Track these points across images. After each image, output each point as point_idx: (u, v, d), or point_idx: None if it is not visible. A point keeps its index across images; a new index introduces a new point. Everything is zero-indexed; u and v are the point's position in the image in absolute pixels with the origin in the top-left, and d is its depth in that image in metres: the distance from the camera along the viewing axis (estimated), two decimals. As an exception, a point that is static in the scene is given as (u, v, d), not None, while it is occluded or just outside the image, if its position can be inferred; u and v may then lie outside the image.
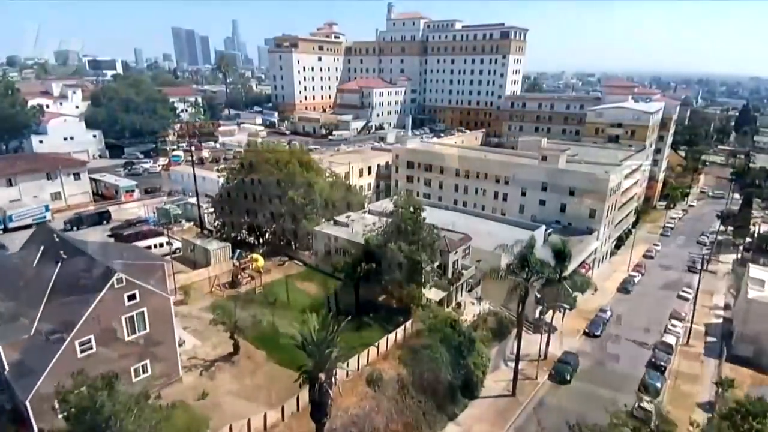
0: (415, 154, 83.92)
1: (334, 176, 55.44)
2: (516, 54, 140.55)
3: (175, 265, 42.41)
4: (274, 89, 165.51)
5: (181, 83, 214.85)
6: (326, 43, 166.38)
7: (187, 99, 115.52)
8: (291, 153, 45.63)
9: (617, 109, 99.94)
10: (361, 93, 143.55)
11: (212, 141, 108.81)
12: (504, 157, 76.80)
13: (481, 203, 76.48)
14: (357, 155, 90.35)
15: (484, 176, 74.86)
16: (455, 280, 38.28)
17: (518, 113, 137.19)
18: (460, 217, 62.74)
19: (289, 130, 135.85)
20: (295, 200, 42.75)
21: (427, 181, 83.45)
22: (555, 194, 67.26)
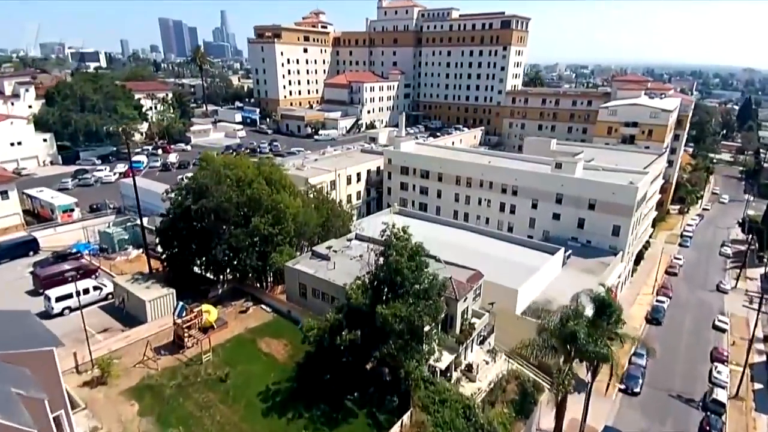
0: (410, 159, 75.78)
1: (314, 193, 47.01)
2: (518, 45, 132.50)
3: (104, 319, 33.82)
4: (255, 84, 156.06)
5: (157, 76, 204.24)
6: (312, 33, 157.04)
7: (156, 95, 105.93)
8: (258, 169, 36.98)
9: (633, 106, 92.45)
10: (350, 88, 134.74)
11: (183, 142, 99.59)
12: (511, 163, 68.81)
13: (485, 215, 68.68)
14: (345, 159, 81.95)
15: (489, 185, 66.96)
16: (465, 336, 30.22)
17: (520, 110, 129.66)
18: (461, 236, 55.01)
19: (271, 128, 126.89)
20: (261, 229, 34.26)
21: (423, 189, 75.46)
22: (571, 207, 59.56)
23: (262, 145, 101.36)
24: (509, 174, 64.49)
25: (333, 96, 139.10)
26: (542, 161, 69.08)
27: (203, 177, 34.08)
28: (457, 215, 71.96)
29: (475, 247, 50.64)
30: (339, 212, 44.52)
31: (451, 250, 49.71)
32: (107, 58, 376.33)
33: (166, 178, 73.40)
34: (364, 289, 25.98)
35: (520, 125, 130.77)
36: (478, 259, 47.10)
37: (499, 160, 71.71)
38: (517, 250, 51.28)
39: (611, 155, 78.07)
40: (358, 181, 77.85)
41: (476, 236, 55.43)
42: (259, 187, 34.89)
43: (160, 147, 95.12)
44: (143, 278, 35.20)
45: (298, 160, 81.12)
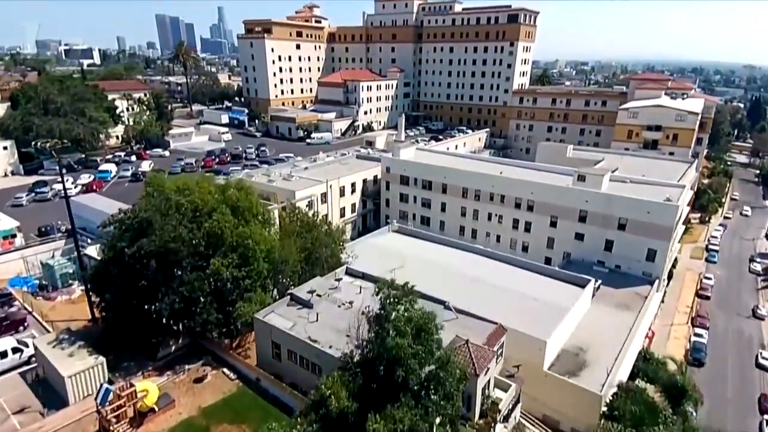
0: (410, 168, 68.70)
1: (297, 217, 39.76)
2: (525, 41, 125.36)
3: (23, 394, 26.48)
4: (245, 82, 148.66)
5: (145, 73, 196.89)
6: (305, 28, 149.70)
7: (132, 95, 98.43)
8: (222, 194, 29.66)
9: (656, 108, 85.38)
10: (345, 87, 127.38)
11: (161, 147, 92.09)
12: (525, 173, 61.63)
13: (496, 232, 61.64)
14: (338, 167, 74.82)
15: (500, 199, 59.89)
16: (488, 425, 22.99)
17: (528, 110, 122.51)
18: (469, 260, 47.99)
19: (260, 131, 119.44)
20: (224, 273, 27.00)
21: (425, 201, 68.38)
22: (598, 227, 52.53)
23: (248, 150, 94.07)
24: (524, 187, 57.33)
25: (327, 96, 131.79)
26: (561, 171, 62.12)
27: (147, 208, 26.73)
28: (464, 231, 65.03)
29: (486, 276, 43.60)
30: (327, 240, 37.19)
31: (458, 280, 42.79)
32: (101, 55, 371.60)
33: (136, 190, 65.92)
34: (348, 382, 18.67)
35: (527, 127, 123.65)
36: (492, 295, 40.16)
37: (512, 170, 64.59)
38: (538, 281, 44.22)
39: (634, 163, 71.24)
40: (353, 192, 70.74)
41: (487, 261, 48.36)
42: (222, 218, 27.64)
43: (135, 153, 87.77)
44: (73, 337, 27.88)
45: (285, 168, 73.88)
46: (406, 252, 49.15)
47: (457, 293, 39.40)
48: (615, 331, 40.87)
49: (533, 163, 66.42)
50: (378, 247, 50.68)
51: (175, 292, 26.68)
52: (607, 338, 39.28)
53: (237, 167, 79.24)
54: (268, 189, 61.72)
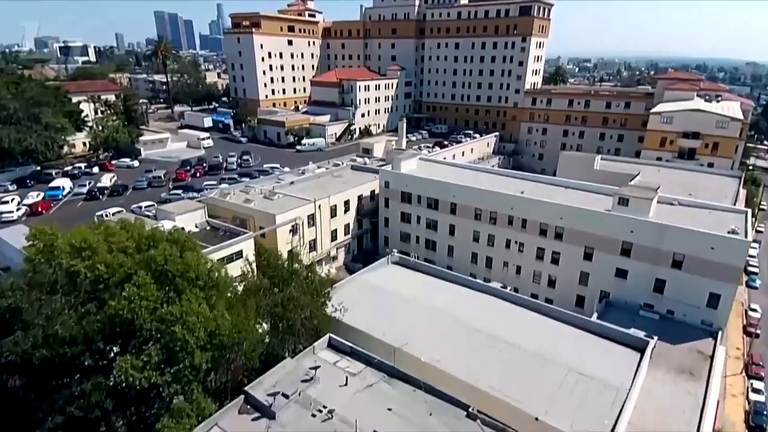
0: (413, 183, 59.94)
1: (267, 263, 30.76)
2: (539, 36, 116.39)
3: None
4: (232, 81, 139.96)
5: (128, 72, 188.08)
6: (298, 22, 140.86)
7: (101, 97, 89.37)
8: (146, 251, 20.61)
9: (693, 113, 76.35)
10: (340, 87, 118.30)
11: (130, 156, 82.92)
12: (551, 191, 52.62)
13: (515, 262, 52.88)
14: (330, 181, 66.12)
15: (521, 223, 51.04)
16: None
17: (541, 112, 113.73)
18: (483, 304, 39.35)
19: (246, 136, 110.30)
20: (135, 379, 17.93)
21: (431, 222, 59.62)
22: (645, 263, 43.69)
23: (230, 159, 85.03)
24: (552, 210, 48.37)
25: (321, 96, 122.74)
26: (595, 190, 53.30)
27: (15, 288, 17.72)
28: (476, 259, 56.23)
29: (509, 333, 34.81)
30: (306, 299, 28.12)
31: (474, 341, 33.89)
32: (96, 52, 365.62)
33: (89, 213, 57.06)
34: None
35: (541, 130, 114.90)
36: (520, 365, 31.20)
37: (534, 187, 55.65)
38: (575, 339, 35.18)
39: (673, 178, 62.59)
40: (347, 212, 61.93)
41: (507, 308, 39.43)
42: (136, 293, 18.58)
43: (98, 164, 78.72)
44: None
45: (269, 182, 64.98)
46: (408, 294, 40.50)
47: (474, 365, 30.72)
48: (680, 411, 32.00)
49: (560, 179, 57.46)
50: (374, 289, 41.82)
51: (63, 412, 17.80)
52: (671, 422, 30.47)
53: (213, 181, 70.20)
54: (244, 211, 52.89)
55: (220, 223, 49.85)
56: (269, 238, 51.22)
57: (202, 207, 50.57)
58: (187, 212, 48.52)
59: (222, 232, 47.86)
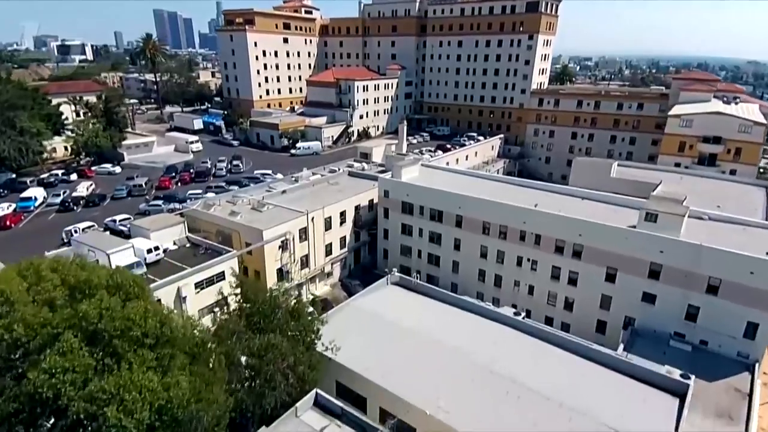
0: (415, 193, 55.70)
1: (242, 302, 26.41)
2: (546, 34, 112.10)
3: None
4: (225, 80, 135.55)
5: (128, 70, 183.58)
6: (294, 19, 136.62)
7: (84, 98, 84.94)
8: (76, 300, 16.18)
9: (714, 116, 72.05)
10: (338, 87, 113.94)
11: (112, 162, 78.41)
12: (568, 204, 48.34)
13: (527, 282, 48.65)
14: (324, 190, 61.87)
15: (535, 239, 46.76)
16: None
17: (548, 113, 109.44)
18: (496, 339, 35.03)
19: (238, 139, 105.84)
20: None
21: (434, 236, 55.37)
22: (675, 287, 39.41)
23: (219, 165, 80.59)
24: (570, 226, 44.00)
25: (317, 97, 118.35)
26: (617, 202, 49.04)
27: None
28: (484, 277, 51.98)
29: (523, 371, 30.55)
30: (287, 347, 23.72)
31: (482, 381, 29.58)
32: (93, 51, 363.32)
33: (60, 226, 52.66)
34: None
35: (548, 133, 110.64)
36: (537, 413, 26.82)
37: (548, 198, 51.30)
38: (601, 379, 30.94)
39: (697, 187, 58.36)
40: (343, 224, 57.61)
41: (521, 339, 35.16)
42: (58, 363, 14.16)
43: (76, 170, 74.26)
44: None
45: (258, 191, 60.64)
46: (410, 324, 36.23)
47: (489, 418, 26.59)
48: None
49: (576, 189, 53.10)
50: (372, 317, 37.49)
51: None
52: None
53: (198, 190, 65.69)
54: (228, 225, 48.54)
55: (202, 240, 45.50)
56: (256, 256, 46.95)
57: (181, 221, 46.20)
58: (165, 227, 44.16)
59: (203, 250, 43.50)
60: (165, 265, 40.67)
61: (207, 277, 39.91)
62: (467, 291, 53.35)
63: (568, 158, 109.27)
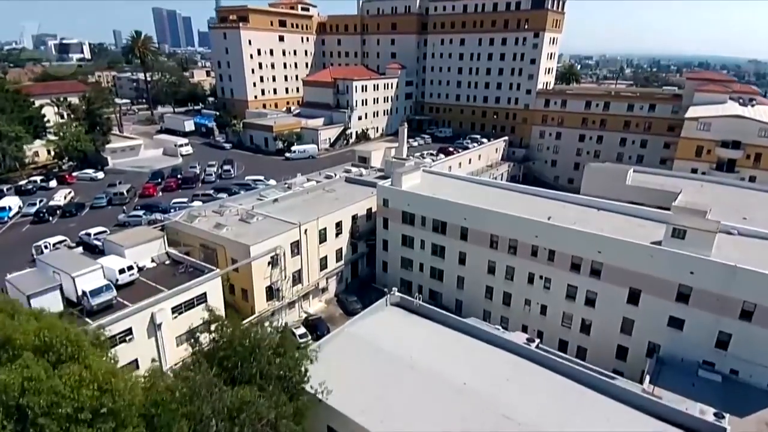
0: (416, 202, 52.19)
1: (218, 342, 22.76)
2: (552, 31, 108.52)
3: None
4: (219, 80, 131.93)
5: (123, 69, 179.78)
6: (290, 16, 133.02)
7: (66, 99, 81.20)
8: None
9: (734, 119, 68.54)
10: (335, 87, 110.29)
11: (95, 167, 74.59)
12: (585, 215, 44.76)
13: (539, 301, 45.10)
14: (319, 197, 58.46)
15: (548, 255, 43.19)
16: None
17: (555, 114, 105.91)
18: (509, 371, 31.52)
19: (231, 141, 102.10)
20: None
21: (437, 248, 51.81)
22: (706, 311, 35.85)
23: (209, 169, 76.86)
24: (588, 242, 40.36)
25: (314, 97, 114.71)
26: (638, 214, 45.50)
27: None
28: (491, 294, 48.43)
29: (542, 416, 26.87)
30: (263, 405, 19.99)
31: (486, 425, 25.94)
32: (91, 50, 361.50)
33: (36, 237, 49.04)
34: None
35: (554, 135, 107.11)
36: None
37: (562, 207, 47.71)
38: (631, 425, 27.20)
39: (720, 196, 54.53)
40: (339, 235, 54.05)
41: (537, 372, 31.53)
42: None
43: (56, 177, 70.52)
44: None
45: (249, 199, 57.08)
46: (410, 356, 32.68)
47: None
48: None
49: (591, 199, 49.42)
50: (368, 347, 33.85)
51: None
52: None
53: (184, 198, 61.89)
54: (213, 239, 44.88)
55: (183, 257, 41.85)
56: (244, 273, 43.32)
57: (160, 236, 42.52)
58: (142, 243, 40.49)
59: (183, 269, 39.82)
60: (140, 286, 37.03)
61: (186, 300, 36.27)
62: (473, 309, 49.86)
63: (575, 161, 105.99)
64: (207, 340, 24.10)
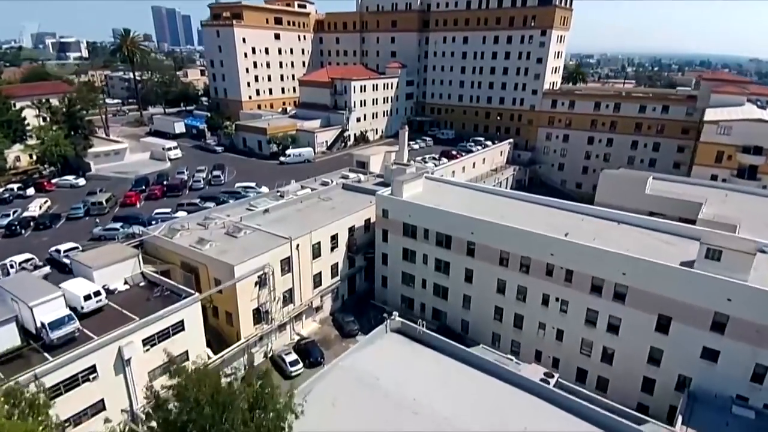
0: (419, 213, 48.57)
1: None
2: (560, 29, 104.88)
3: None
4: (212, 80, 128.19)
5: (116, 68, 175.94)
6: (287, 13, 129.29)
7: (48, 100, 77.28)
8: None
9: (756, 123, 64.76)
10: (333, 87, 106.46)
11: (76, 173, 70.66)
12: (607, 230, 41.05)
13: (556, 326, 41.64)
14: (314, 207, 54.80)
15: (566, 275, 39.40)
16: None
17: (563, 116, 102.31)
18: (521, 407, 27.76)
19: (223, 144, 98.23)
20: None
21: (441, 264, 48.28)
22: (744, 344, 31.95)
23: (198, 175, 73.04)
24: (611, 262, 36.57)
25: (310, 98, 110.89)
26: (664, 228, 41.79)
27: None
28: (501, 316, 44.89)
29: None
30: None
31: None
32: (89, 48, 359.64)
33: (5, 253, 45.27)
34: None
35: (561, 137, 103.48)
36: None
37: (579, 221, 44.01)
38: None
39: (745, 206, 50.82)
40: (334, 249, 50.40)
41: (551, 415, 27.93)
42: None
43: (34, 184, 66.68)
44: None
45: (237, 209, 53.33)
46: (412, 397, 29.11)
47: None
48: None
49: (611, 212, 45.54)
50: (365, 386, 30.11)
51: None
52: None
53: (167, 209, 57.84)
54: (194, 257, 41.11)
55: (159, 278, 38.06)
56: (228, 295, 39.55)
57: (134, 255, 38.75)
58: (113, 264, 36.74)
59: (157, 292, 36.05)
60: (109, 313, 33.29)
61: (160, 331, 32.52)
62: (481, 331, 46.19)
63: (583, 165, 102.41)
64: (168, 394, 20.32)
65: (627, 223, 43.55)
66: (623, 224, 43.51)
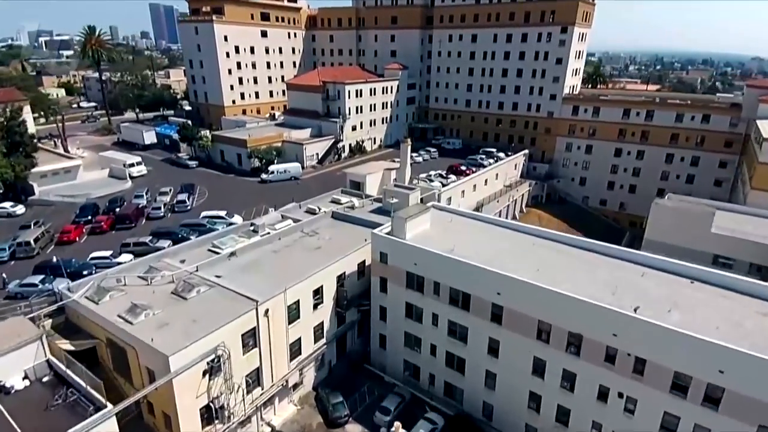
0: (426, 261, 38.38)
1: None
2: (581, 26, 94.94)
3: None
4: (191, 82, 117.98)
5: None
6: (274, 8, 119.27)
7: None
8: None
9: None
10: (325, 91, 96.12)
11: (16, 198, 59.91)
12: (675, 286, 30.68)
13: (618, 429, 30.59)
14: (296, 245, 44.70)
15: (634, 365, 29.03)
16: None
17: (585, 124, 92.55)
18: None
19: (199, 157, 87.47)
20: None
21: (456, 329, 38.41)
22: None
23: (160, 199, 62.41)
24: (705, 353, 26.25)
25: (299, 104, 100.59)
26: (754, 292, 31.34)
27: None
28: (539, 406, 34.64)
29: None
30: None
31: None
32: (77, 46, 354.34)
33: None
34: None
35: (584, 148, 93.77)
36: None
37: (638, 274, 33.67)
38: None
39: None
40: (318, 306, 40.12)
41: None
42: None
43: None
44: None
45: (196, 251, 43.01)
46: None
47: None
48: None
49: (681, 266, 34.97)
50: None
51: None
52: None
53: (107, 253, 46.38)
54: (122, 336, 30.67)
55: (67, 372, 27.66)
56: (163, 392, 29.10)
57: (37, 336, 28.36)
58: (7, 353, 26.40)
59: (59, 398, 25.61)
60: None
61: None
62: (510, 421, 35.95)
63: (609, 179, 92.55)
64: None
65: (701, 281, 33.22)
66: (697, 283, 33.19)
